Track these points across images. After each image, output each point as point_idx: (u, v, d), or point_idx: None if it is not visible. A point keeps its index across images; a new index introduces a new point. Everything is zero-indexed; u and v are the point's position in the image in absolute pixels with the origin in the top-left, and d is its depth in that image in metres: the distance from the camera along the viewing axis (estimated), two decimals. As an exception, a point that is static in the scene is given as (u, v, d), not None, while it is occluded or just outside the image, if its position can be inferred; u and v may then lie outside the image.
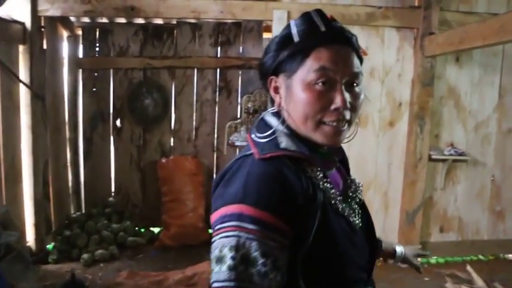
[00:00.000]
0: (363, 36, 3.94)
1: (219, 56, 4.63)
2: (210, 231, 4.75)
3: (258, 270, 0.77)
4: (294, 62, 0.90)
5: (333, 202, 0.93)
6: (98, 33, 4.61)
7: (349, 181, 1.07)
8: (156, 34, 4.61)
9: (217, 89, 4.62)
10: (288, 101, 0.93)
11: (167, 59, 4.58)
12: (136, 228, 4.44)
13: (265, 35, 4.64)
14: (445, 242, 4.26)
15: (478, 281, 3.54)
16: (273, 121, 0.96)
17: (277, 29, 3.77)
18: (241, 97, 4.52)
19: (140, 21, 4.49)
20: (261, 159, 0.87)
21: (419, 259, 1.44)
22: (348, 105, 0.89)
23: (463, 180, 4.26)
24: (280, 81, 0.95)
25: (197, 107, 4.67)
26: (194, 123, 4.68)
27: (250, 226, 0.79)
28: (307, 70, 0.89)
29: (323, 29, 0.91)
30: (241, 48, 4.61)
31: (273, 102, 1.00)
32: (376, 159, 4.09)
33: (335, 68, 0.88)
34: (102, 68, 4.62)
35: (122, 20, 4.48)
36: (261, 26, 4.53)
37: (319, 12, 0.94)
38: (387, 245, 1.36)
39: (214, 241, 0.83)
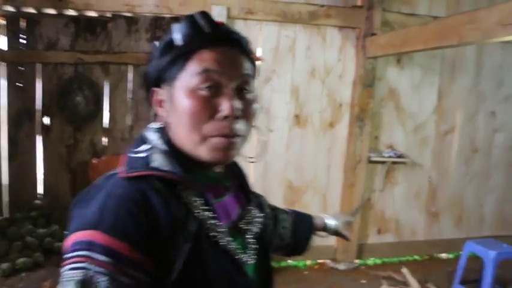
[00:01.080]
0: (304, 35, 3.82)
1: (155, 51, 4.39)
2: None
3: None
4: (175, 68, 0.79)
5: (211, 234, 0.78)
6: (23, 23, 4.24)
7: (246, 212, 0.92)
8: (89, 27, 4.30)
9: (155, 86, 4.39)
10: (171, 113, 0.80)
11: (100, 54, 4.29)
12: (66, 232, 4.17)
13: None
14: (382, 244, 4.27)
15: (413, 282, 3.55)
16: (152, 137, 0.82)
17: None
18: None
19: (71, 12, 4.16)
20: (125, 179, 0.74)
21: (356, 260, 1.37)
22: (239, 113, 0.78)
23: (401, 182, 4.27)
24: (163, 92, 0.82)
25: (132, 105, 4.42)
26: (129, 121, 4.44)
27: (102, 258, 0.66)
28: (190, 74, 0.78)
29: (207, 30, 0.80)
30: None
31: (156, 117, 0.87)
32: (315, 160, 4.01)
33: (221, 70, 0.78)
34: (29, 62, 4.27)
35: (51, 11, 4.14)
36: (200, 22, 4.32)
37: (204, 14, 0.82)
38: (318, 219, 1.32)
39: (62, 272, 0.69)
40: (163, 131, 0.83)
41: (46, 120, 4.32)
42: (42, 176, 4.41)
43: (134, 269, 0.68)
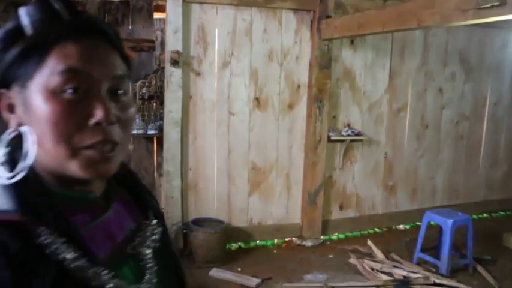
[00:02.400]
0: (260, 18, 3.87)
1: (107, 37, 4.27)
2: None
3: None
4: (29, 64, 0.62)
5: (81, 277, 0.61)
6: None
7: (141, 227, 0.76)
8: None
9: (107, 73, 4.27)
10: (28, 121, 0.63)
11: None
12: None
13: (157, 15, 4.36)
14: (345, 219, 4.46)
15: (378, 253, 3.75)
16: None
17: (172, 10, 3.56)
18: (134, 82, 4.24)
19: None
20: None
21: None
22: (114, 118, 0.64)
23: (359, 159, 4.46)
24: (14, 95, 0.64)
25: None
26: None
27: None
28: (49, 73, 0.61)
29: (66, 17, 0.64)
30: (130, 28, 4.30)
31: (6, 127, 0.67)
32: (277, 142, 4.10)
33: (90, 68, 0.63)
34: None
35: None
36: (152, 5, 4.24)
37: None
38: None
39: None
40: (14, 153, 0.64)
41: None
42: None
43: None
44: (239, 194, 4.04)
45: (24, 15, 0.63)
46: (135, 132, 3.92)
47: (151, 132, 3.97)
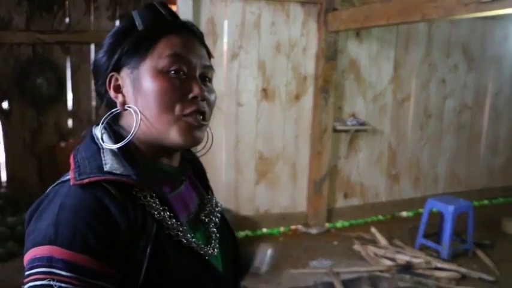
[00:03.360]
0: (268, 11, 3.99)
1: (118, 29, 4.38)
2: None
3: None
4: (141, 50, 0.79)
5: (173, 234, 0.77)
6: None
7: (205, 201, 0.92)
8: (45, 5, 4.20)
9: (119, 65, 4.39)
10: (136, 96, 0.79)
11: (59, 34, 4.21)
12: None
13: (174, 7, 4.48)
14: (349, 207, 4.63)
15: (382, 240, 3.93)
16: (100, 135, 0.79)
17: (182, 3, 3.67)
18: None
19: (24, -11, 4.06)
20: (77, 186, 0.71)
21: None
22: (206, 96, 0.80)
23: (363, 148, 4.61)
24: (123, 76, 0.81)
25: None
26: (94, 102, 4.44)
27: (64, 273, 0.65)
28: (158, 56, 0.78)
29: (170, 18, 0.82)
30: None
31: (111, 106, 0.83)
32: (283, 132, 4.25)
33: (189, 56, 0.80)
34: (-19, 43, 4.13)
35: (1, -12, 4.02)
36: (162, -1, 4.35)
37: (164, 4, 0.84)
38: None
39: None
40: (111, 127, 0.81)
41: (5, 104, 4.22)
42: (4, 163, 4.32)
43: (99, 281, 0.66)
44: (246, 183, 4.19)
45: (137, 16, 0.81)
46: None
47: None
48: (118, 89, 0.81)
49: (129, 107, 0.80)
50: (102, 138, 0.78)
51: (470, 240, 3.74)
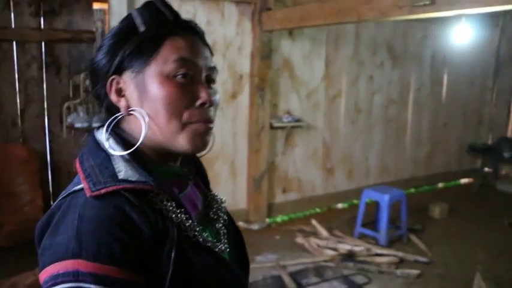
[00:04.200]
0: (203, 11, 4.01)
1: (42, 27, 4.18)
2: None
3: None
4: (145, 54, 0.77)
5: (191, 235, 0.77)
6: None
7: (210, 198, 0.94)
8: (-42, 0, 3.91)
9: (44, 66, 4.19)
10: (142, 102, 0.77)
11: (-24, 31, 3.95)
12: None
13: (96, 6, 4.34)
14: (288, 201, 4.79)
15: (322, 231, 4.12)
16: (106, 140, 0.77)
17: (116, 0, 3.60)
18: (73, 74, 4.21)
19: None
20: (94, 197, 0.70)
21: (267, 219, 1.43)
22: (213, 101, 0.80)
23: (299, 144, 4.79)
24: (125, 80, 0.78)
25: (21, 86, 4.17)
26: (19, 104, 4.20)
27: (93, 286, 0.64)
28: (164, 61, 0.76)
29: (171, 18, 0.80)
30: (68, 19, 4.24)
31: (110, 110, 0.81)
32: (221, 131, 4.30)
33: (195, 59, 0.78)
34: None
35: None
36: (91, -5, 4.23)
37: (163, 1, 0.82)
38: None
39: None
40: (116, 132, 0.79)
41: None
42: None
43: None
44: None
45: (137, 16, 0.79)
46: (79, 125, 3.92)
47: (95, 125, 3.97)
48: (120, 93, 0.79)
49: (134, 110, 0.78)
50: (108, 144, 0.77)
51: (404, 226, 4.05)
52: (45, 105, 4.22)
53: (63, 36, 4.15)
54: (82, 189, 0.72)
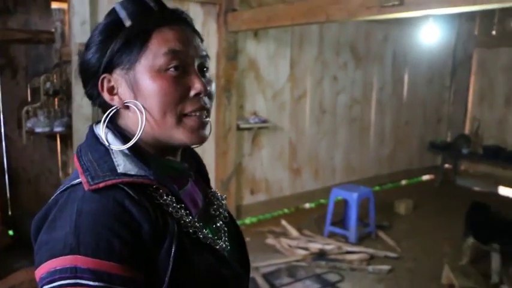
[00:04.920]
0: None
1: (-4, 27, 4.04)
2: (11, 233, 4.30)
3: None
4: (133, 50, 0.76)
5: (191, 231, 0.77)
6: None
7: (210, 196, 0.93)
8: None
9: (-1, 68, 4.05)
10: (136, 98, 0.77)
11: None
12: None
13: (55, 5, 4.23)
14: (256, 203, 4.83)
15: (293, 231, 4.19)
16: (105, 135, 0.78)
17: (77, 0, 3.52)
18: (31, 77, 4.09)
19: None
20: (93, 191, 0.69)
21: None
22: (208, 90, 0.79)
23: (266, 145, 4.84)
24: (116, 78, 0.78)
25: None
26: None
27: (91, 283, 0.63)
28: (153, 55, 0.75)
29: (157, 8, 0.79)
30: (25, 19, 4.11)
31: (105, 108, 0.81)
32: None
33: (185, 49, 0.77)
34: None
35: None
36: (50, -6, 4.12)
37: None
38: None
39: None
40: (114, 126, 0.80)
41: None
42: None
43: (128, 286, 0.66)
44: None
45: (121, 9, 0.78)
46: (39, 130, 3.81)
47: (57, 129, 3.89)
48: (112, 91, 0.79)
49: (128, 103, 0.78)
50: (106, 138, 0.77)
51: (373, 223, 4.18)
52: (1, 110, 4.09)
53: (19, 37, 4.02)
54: (80, 183, 0.71)
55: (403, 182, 6.37)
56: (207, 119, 0.80)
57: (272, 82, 4.80)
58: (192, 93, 0.77)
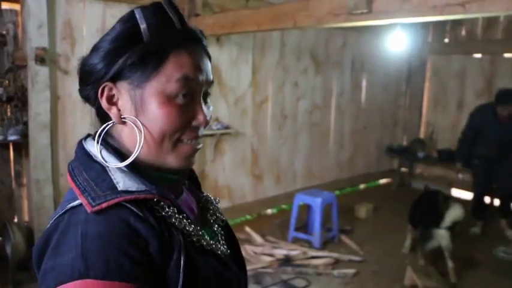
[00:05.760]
0: (119, 17, 3.96)
1: None
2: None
3: None
4: (147, 68, 0.75)
5: (195, 240, 0.78)
6: None
7: (203, 201, 0.95)
8: None
9: None
10: (137, 116, 0.77)
11: None
12: None
13: (5, 5, 4.10)
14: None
15: (257, 238, 4.27)
16: (98, 152, 0.77)
17: (34, 2, 3.45)
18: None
19: None
20: (96, 213, 0.69)
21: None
22: (208, 121, 0.81)
23: (228, 151, 4.91)
24: (120, 89, 0.77)
25: None
26: None
27: None
28: (167, 79, 0.75)
29: (179, 26, 0.78)
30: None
31: (101, 116, 0.82)
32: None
33: (197, 77, 0.78)
34: None
35: None
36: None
37: (171, 4, 0.79)
38: None
39: None
40: (105, 140, 0.80)
41: None
42: None
43: None
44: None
45: (142, 19, 0.76)
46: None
47: (12, 138, 3.78)
48: (111, 100, 0.78)
49: (126, 119, 0.78)
50: (102, 156, 0.76)
51: (336, 228, 4.34)
52: None
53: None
54: (80, 204, 0.70)
55: (362, 186, 6.65)
56: (200, 146, 0.83)
57: (234, 88, 4.87)
58: (194, 123, 0.79)
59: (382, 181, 6.94)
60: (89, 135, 0.82)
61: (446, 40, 6.49)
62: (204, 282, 0.76)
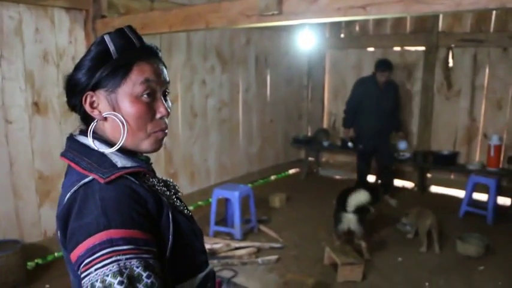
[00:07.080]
0: (30, 17, 3.98)
1: None
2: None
3: (145, 283, 0.90)
4: (117, 77, 1.05)
5: (171, 202, 1.11)
6: None
7: (165, 179, 1.25)
8: None
9: None
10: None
11: None
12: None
13: None
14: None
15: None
16: (94, 143, 1.08)
17: None
18: None
19: None
20: (108, 183, 0.97)
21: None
22: (169, 112, 1.12)
23: (142, 152, 5.07)
24: (99, 96, 1.07)
25: None
26: None
27: (125, 247, 0.90)
28: (133, 84, 1.05)
29: (138, 45, 1.11)
30: None
31: (86, 119, 1.13)
32: (62, 147, 4.27)
33: (156, 79, 1.09)
34: None
35: None
36: None
37: (131, 28, 1.13)
38: None
39: (87, 275, 0.90)
40: (94, 136, 1.09)
41: None
42: None
43: (149, 247, 0.95)
44: (28, 207, 4.13)
45: (110, 42, 1.08)
46: None
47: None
48: (92, 105, 1.08)
49: (108, 115, 1.07)
50: (95, 144, 1.07)
51: (254, 219, 4.74)
52: None
53: None
54: (92, 180, 0.99)
55: (273, 177, 7.19)
56: (166, 133, 1.15)
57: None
58: (158, 116, 1.11)
59: (292, 171, 7.56)
60: (71, 134, 1.16)
61: (342, 35, 7.25)
62: (183, 231, 1.08)
